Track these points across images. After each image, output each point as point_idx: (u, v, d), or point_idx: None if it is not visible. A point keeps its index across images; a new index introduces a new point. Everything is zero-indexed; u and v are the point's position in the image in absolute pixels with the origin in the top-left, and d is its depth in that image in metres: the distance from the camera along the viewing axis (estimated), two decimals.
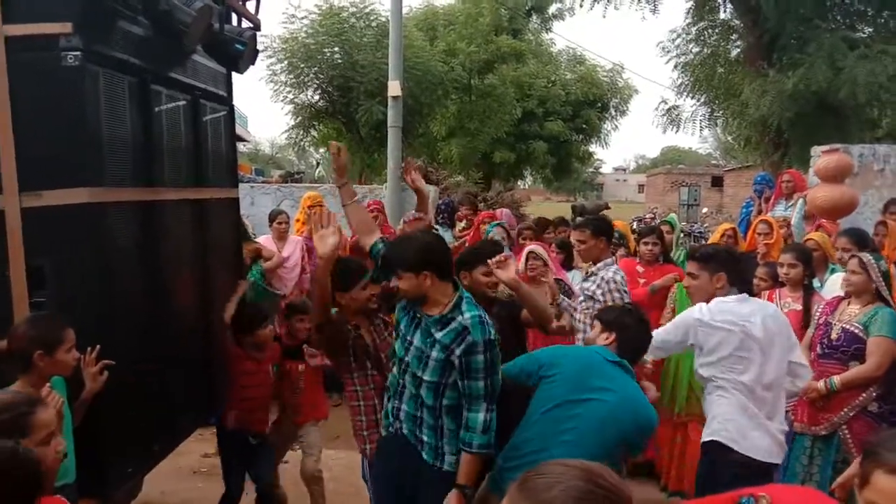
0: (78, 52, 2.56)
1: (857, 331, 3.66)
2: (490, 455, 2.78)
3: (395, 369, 2.95)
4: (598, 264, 4.09)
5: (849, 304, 3.79)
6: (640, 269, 5.07)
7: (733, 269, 3.28)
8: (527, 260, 4.52)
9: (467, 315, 2.70)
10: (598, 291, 3.98)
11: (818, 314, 3.93)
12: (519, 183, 31.90)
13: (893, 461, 1.43)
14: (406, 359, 2.82)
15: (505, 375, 2.88)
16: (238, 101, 4.21)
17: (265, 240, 6.02)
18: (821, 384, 3.71)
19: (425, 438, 2.81)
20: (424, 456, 2.81)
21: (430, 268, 2.69)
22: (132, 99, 2.92)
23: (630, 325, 2.95)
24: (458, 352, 2.67)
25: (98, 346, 2.65)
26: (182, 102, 3.42)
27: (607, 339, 2.93)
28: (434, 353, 2.72)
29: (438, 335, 2.71)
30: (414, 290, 2.73)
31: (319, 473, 4.09)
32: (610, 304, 3.73)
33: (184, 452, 4.94)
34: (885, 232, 5.35)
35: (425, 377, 2.75)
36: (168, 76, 3.28)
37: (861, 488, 1.48)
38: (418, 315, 2.81)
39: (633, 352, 2.94)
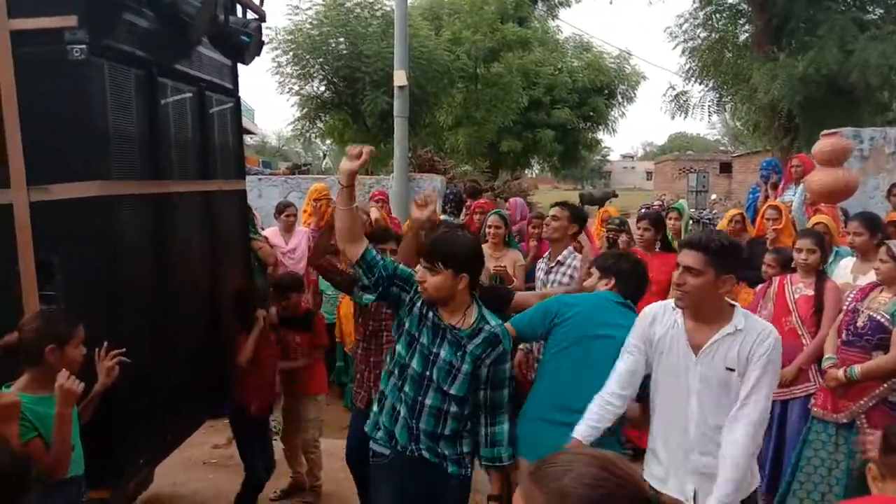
0: (84, 46, 2.55)
1: (883, 320, 3.60)
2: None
3: (395, 380, 2.76)
4: (564, 252, 4.23)
5: (881, 291, 3.72)
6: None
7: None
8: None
9: (494, 323, 2.68)
10: (568, 280, 4.11)
11: (849, 299, 3.88)
12: (526, 172, 31.83)
13: None
14: (428, 373, 2.66)
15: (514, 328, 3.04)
16: (244, 93, 4.21)
17: (272, 231, 6.02)
18: (840, 372, 3.66)
19: (447, 452, 2.72)
20: (450, 469, 2.73)
21: (469, 272, 2.62)
22: (139, 91, 2.91)
23: (627, 269, 3.16)
24: (488, 361, 2.63)
25: (109, 342, 2.66)
26: (188, 95, 3.41)
27: (607, 284, 3.12)
28: (465, 367, 2.63)
29: (470, 347, 2.63)
30: (444, 290, 2.60)
31: (317, 443, 4.33)
32: None
33: (194, 444, 4.97)
34: None
35: (452, 391, 2.64)
36: (174, 68, 3.27)
37: (886, 479, 1.47)
38: (442, 326, 2.67)
39: (633, 294, 3.14)
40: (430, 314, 2.67)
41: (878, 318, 3.62)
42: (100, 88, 2.65)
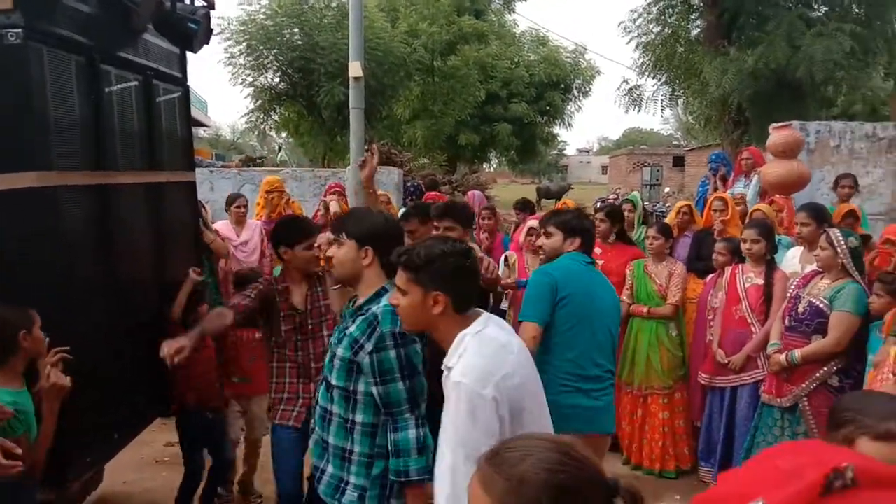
0: (19, 30, 2.45)
1: (821, 305, 3.72)
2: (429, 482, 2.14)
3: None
4: None
5: (821, 278, 3.85)
6: (597, 249, 5.07)
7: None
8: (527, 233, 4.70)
9: (382, 303, 2.29)
10: None
11: (792, 287, 3.99)
12: (484, 165, 31.93)
13: (879, 428, 1.46)
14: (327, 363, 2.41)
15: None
16: (196, 84, 4.11)
17: (223, 224, 5.90)
18: (782, 357, 3.80)
19: (330, 469, 2.37)
20: (320, 490, 2.37)
21: (375, 247, 2.35)
22: (80, 79, 2.81)
23: (589, 226, 3.32)
24: (368, 347, 2.25)
25: (52, 338, 2.57)
26: (133, 83, 3.31)
27: (572, 243, 3.18)
28: (340, 351, 2.31)
29: (351, 328, 2.31)
30: (347, 263, 2.37)
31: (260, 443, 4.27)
32: None
33: (146, 442, 4.85)
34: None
35: (333, 380, 2.34)
36: (118, 55, 3.16)
37: None
38: (351, 304, 2.45)
39: (592, 249, 3.32)
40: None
41: (818, 303, 3.74)
42: (38, 75, 2.55)
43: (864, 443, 1.46)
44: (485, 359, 1.88)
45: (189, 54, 3.87)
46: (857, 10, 13.00)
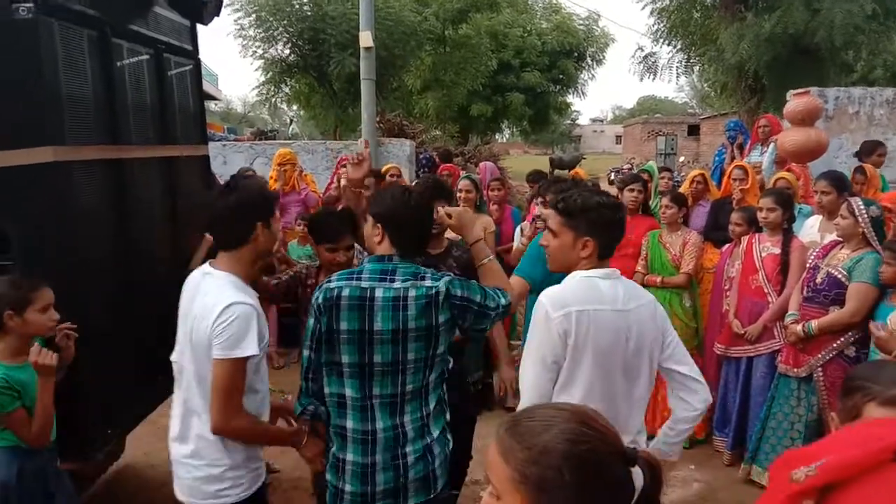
0: (30, 4, 2.43)
1: (840, 276, 3.68)
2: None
3: None
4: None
5: (841, 248, 3.80)
6: None
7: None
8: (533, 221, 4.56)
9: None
10: None
11: (811, 257, 3.95)
12: (497, 136, 31.70)
13: (886, 394, 1.46)
14: None
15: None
16: (207, 58, 4.08)
17: None
18: (799, 328, 3.77)
19: None
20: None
21: (386, 224, 2.33)
22: (92, 53, 2.80)
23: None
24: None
25: (71, 315, 2.60)
26: (145, 56, 3.29)
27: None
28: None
29: None
30: (368, 240, 2.42)
31: None
32: None
33: (167, 414, 4.92)
34: (864, 179, 5.34)
35: None
36: (129, 29, 3.14)
37: (849, 422, 1.49)
38: None
39: None
40: None
41: (836, 274, 3.70)
42: (50, 49, 2.53)
43: (872, 408, 1.46)
44: (569, 291, 2.14)
45: (199, 27, 3.84)
46: None
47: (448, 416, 2.39)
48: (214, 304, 2.20)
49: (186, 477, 2.37)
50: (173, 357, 2.44)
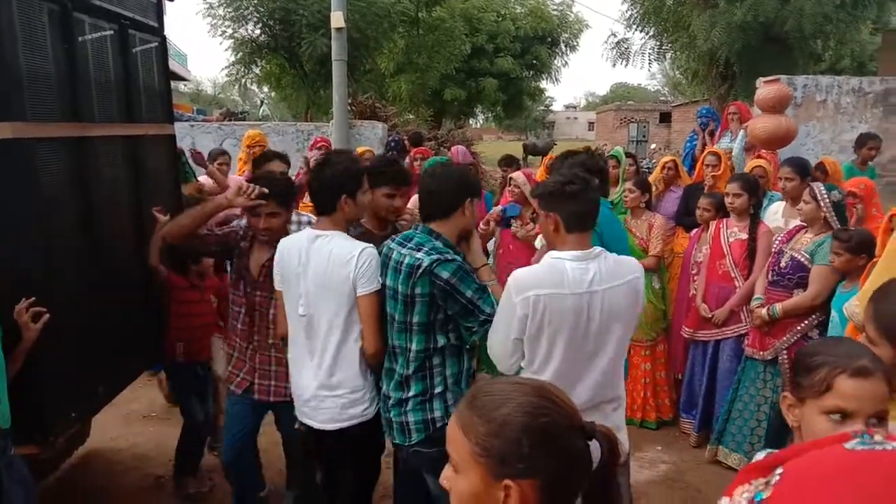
0: None
1: (803, 259, 3.75)
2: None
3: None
4: None
5: (805, 232, 3.87)
6: None
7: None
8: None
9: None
10: None
11: (776, 242, 4.01)
12: (470, 121, 31.63)
13: (855, 364, 1.48)
14: None
15: None
16: (176, 38, 3.99)
17: (205, 180, 5.81)
18: (764, 311, 3.84)
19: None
20: None
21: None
22: (53, 27, 2.71)
23: (605, 167, 3.43)
24: None
25: (31, 296, 2.53)
26: (109, 32, 3.20)
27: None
28: None
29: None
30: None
31: None
32: None
33: (134, 399, 4.87)
34: (824, 178, 5.17)
35: None
36: (92, 4, 3.05)
37: (819, 398, 1.50)
38: None
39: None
40: None
41: (799, 257, 3.76)
42: (8, 23, 2.45)
43: (842, 380, 1.48)
44: (532, 274, 2.28)
45: (166, 3, 3.75)
46: None
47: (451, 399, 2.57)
48: (350, 253, 2.62)
49: (332, 407, 2.73)
50: (300, 311, 2.73)
